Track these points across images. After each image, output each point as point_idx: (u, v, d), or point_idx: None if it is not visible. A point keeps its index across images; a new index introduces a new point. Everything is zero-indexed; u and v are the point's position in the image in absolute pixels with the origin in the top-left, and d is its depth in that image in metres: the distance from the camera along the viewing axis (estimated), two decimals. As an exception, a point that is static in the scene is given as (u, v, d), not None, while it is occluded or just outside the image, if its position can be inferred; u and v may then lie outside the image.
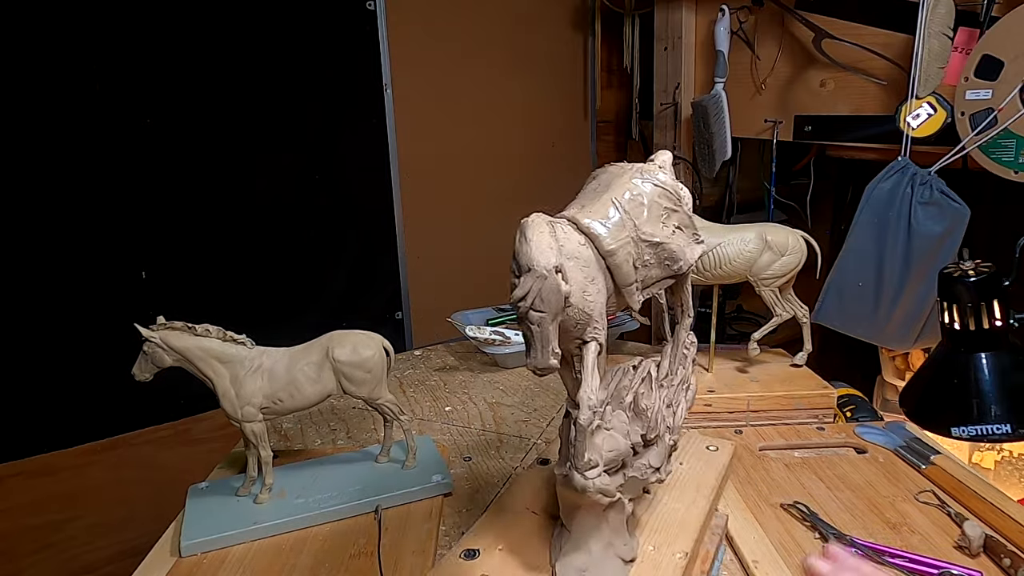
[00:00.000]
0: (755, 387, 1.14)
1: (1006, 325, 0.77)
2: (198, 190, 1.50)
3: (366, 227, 1.76)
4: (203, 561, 0.82)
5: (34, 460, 1.39)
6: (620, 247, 0.67)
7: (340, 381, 0.92)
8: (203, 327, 0.88)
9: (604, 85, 2.16)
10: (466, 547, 0.74)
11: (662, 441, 0.74)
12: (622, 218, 0.67)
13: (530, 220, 0.61)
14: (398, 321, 1.86)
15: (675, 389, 0.78)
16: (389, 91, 1.73)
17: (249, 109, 1.54)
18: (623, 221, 0.67)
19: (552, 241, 0.60)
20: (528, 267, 0.58)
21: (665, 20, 1.77)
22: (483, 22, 1.88)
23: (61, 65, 1.31)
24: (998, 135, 1.16)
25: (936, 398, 0.82)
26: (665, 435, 0.75)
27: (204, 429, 1.57)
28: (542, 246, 0.59)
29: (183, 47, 1.44)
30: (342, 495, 0.92)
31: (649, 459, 0.73)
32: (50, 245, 1.35)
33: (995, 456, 1.39)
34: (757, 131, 1.62)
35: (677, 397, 0.78)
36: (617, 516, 0.71)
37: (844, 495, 0.92)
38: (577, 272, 0.62)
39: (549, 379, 1.35)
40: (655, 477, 0.73)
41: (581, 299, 0.63)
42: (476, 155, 1.93)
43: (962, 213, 1.23)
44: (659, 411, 0.74)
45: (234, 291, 1.58)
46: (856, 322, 1.37)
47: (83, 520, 1.46)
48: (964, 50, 1.22)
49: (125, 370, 0.87)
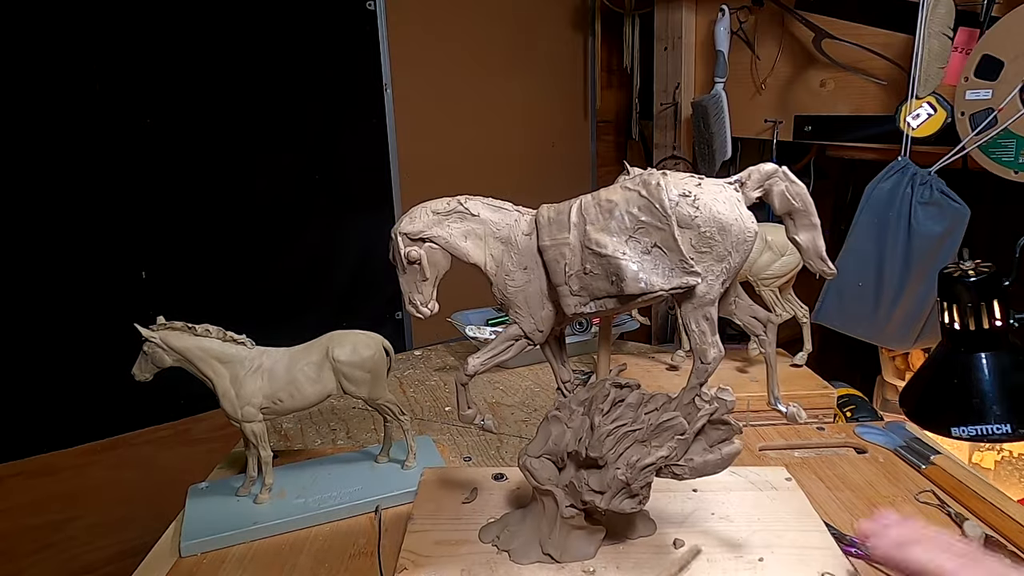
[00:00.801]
0: (755, 387, 1.14)
1: (1006, 325, 0.77)
2: (198, 190, 1.50)
3: (366, 227, 1.76)
4: (203, 561, 0.82)
5: (34, 460, 1.39)
6: (552, 246, 0.69)
7: (340, 381, 0.92)
8: (203, 327, 0.88)
9: (604, 85, 2.16)
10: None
11: (608, 469, 0.69)
12: (570, 220, 0.68)
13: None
14: (398, 321, 1.86)
15: (664, 433, 0.70)
16: (389, 91, 1.73)
17: (249, 109, 1.54)
18: (568, 223, 0.68)
19: (425, 217, 0.74)
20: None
21: (665, 20, 1.76)
22: (483, 22, 1.88)
23: (61, 65, 1.31)
24: (998, 135, 1.16)
25: (936, 398, 0.82)
26: (614, 466, 0.69)
27: (204, 429, 1.57)
28: (411, 217, 0.75)
29: (183, 47, 1.44)
30: (342, 495, 0.92)
31: (589, 479, 0.70)
32: (50, 245, 1.35)
33: (995, 456, 1.39)
34: (757, 131, 1.62)
35: (660, 441, 0.70)
36: (551, 507, 0.73)
37: (844, 495, 0.91)
38: (505, 257, 0.71)
39: (549, 379, 1.35)
40: (595, 500, 0.70)
41: (501, 281, 0.71)
42: (476, 155, 1.93)
43: (962, 213, 1.23)
44: (611, 437, 0.69)
45: (234, 291, 1.58)
46: (856, 322, 1.37)
47: (83, 520, 1.46)
48: (964, 50, 1.22)
49: (125, 370, 0.87)
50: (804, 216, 0.69)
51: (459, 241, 0.72)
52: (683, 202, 0.66)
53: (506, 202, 0.75)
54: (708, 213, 0.65)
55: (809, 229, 0.70)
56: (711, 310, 0.68)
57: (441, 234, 0.73)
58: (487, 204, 0.74)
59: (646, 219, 0.66)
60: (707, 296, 0.67)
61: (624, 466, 0.69)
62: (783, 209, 0.69)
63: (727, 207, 0.66)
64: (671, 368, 1.23)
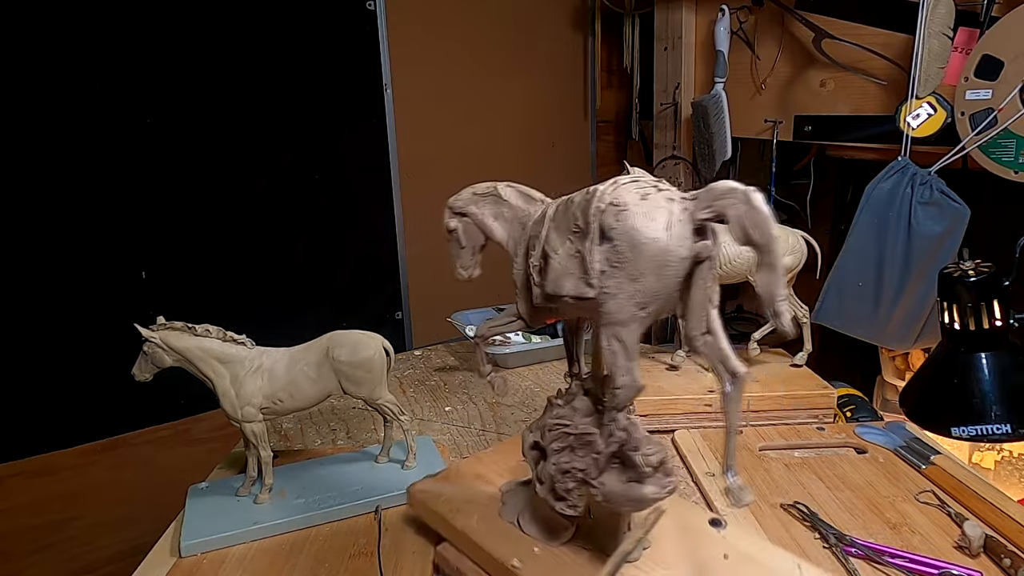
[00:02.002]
0: (755, 387, 1.14)
1: (1006, 325, 0.77)
2: (198, 190, 1.50)
3: (366, 227, 1.76)
4: (203, 561, 0.82)
5: (34, 460, 1.39)
6: (532, 237, 0.71)
7: (340, 381, 0.92)
8: (203, 327, 0.88)
9: (604, 85, 2.16)
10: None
11: (547, 463, 0.71)
12: (546, 214, 0.69)
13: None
14: (398, 321, 1.86)
15: (587, 447, 0.68)
16: (389, 91, 1.73)
17: (249, 109, 1.54)
18: (544, 217, 0.69)
19: (467, 195, 0.79)
20: None
21: (665, 20, 1.76)
22: (483, 22, 1.88)
23: (61, 65, 1.31)
24: (998, 135, 1.16)
25: (936, 398, 0.82)
26: (551, 461, 0.70)
27: (204, 429, 1.57)
28: (459, 193, 0.79)
29: (183, 47, 1.44)
30: (342, 495, 0.92)
31: (541, 466, 0.73)
32: (50, 245, 1.35)
33: (995, 456, 1.39)
34: (757, 131, 1.62)
35: (584, 452, 0.68)
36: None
37: (844, 495, 0.91)
38: (518, 241, 0.75)
39: (549, 379, 1.35)
40: (537, 486, 0.74)
41: (511, 262, 0.75)
42: (476, 155, 1.93)
43: (962, 213, 1.23)
44: (552, 432, 0.70)
45: (234, 291, 1.58)
46: (856, 322, 1.37)
47: (83, 520, 1.46)
48: (964, 50, 1.22)
49: (125, 370, 0.87)
50: (763, 253, 0.57)
51: (489, 220, 0.78)
52: (609, 211, 0.61)
53: (537, 192, 0.79)
54: (624, 228, 0.59)
55: (766, 270, 0.57)
56: (623, 332, 0.61)
57: (476, 211, 0.79)
58: (518, 191, 0.78)
59: (580, 223, 0.63)
60: (617, 316, 0.60)
61: (554, 464, 0.70)
62: (741, 239, 0.59)
63: (651, 225, 0.59)
64: (671, 368, 1.23)
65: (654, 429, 1.10)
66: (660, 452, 0.64)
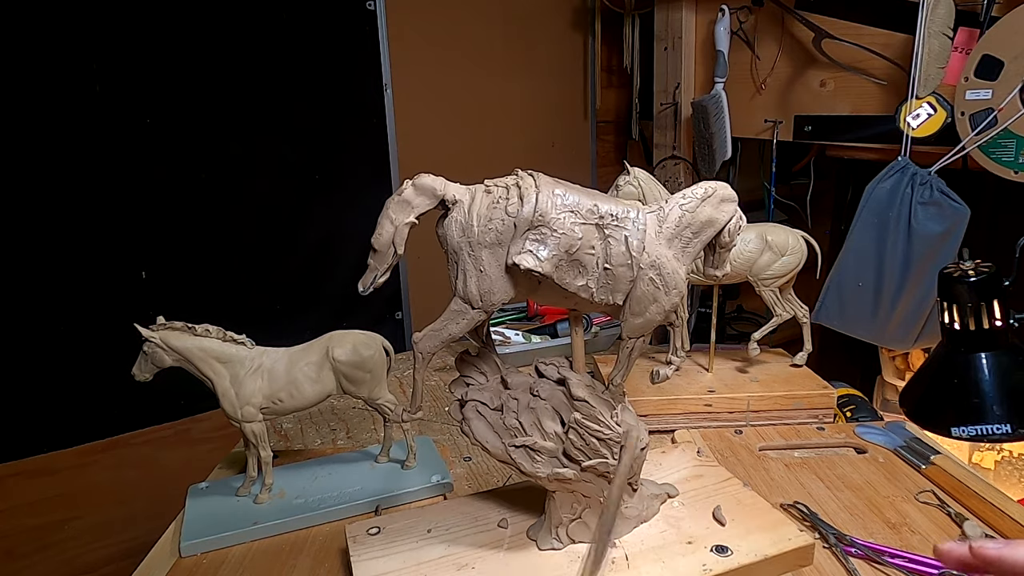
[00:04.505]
0: (755, 387, 1.14)
1: (1006, 325, 0.77)
2: (198, 190, 1.50)
3: (366, 227, 1.75)
4: (203, 561, 0.82)
5: (34, 460, 1.39)
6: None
7: (340, 381, 0.92)
8: (203, 327, 0.88)
9: (604, 85, 2.16)
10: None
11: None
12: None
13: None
14: (398, 321, 1.86)
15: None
16: (389, 91, 1.73)
17: (249, 109, 1.54)
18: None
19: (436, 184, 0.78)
20: None
21: (665, 20, 1.76)
22: (483, 22, 1.88)
23: (61, 65, 1.31)
24: (998, 135, 1.16)
25: (936, 398, 0.82)
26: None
27: (204, 429, 1.57)
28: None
29: (183, 47, 1.44)
30: (342, 495, 0.92)
31: None
32: (50, 245, 1.35)
33: (995, 456, 1.39)
34: (757, 131, 1.62)
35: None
36: None
37: (844, 495, 0.91)
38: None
39: (549, 379, 1.34)
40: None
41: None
42: (476, 155, 1.93)
43: (962, 213, 1.23)
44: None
45: (234, 291, 1.58)
46: (856, 322, 1.37)
47: (83, 520, 1.46)
48: (964, 50, 1.22)
49: (125, 370, 0.87)
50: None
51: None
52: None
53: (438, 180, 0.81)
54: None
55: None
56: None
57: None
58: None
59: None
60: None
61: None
62: None
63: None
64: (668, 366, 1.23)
65: (654, 429, 1.10)
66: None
